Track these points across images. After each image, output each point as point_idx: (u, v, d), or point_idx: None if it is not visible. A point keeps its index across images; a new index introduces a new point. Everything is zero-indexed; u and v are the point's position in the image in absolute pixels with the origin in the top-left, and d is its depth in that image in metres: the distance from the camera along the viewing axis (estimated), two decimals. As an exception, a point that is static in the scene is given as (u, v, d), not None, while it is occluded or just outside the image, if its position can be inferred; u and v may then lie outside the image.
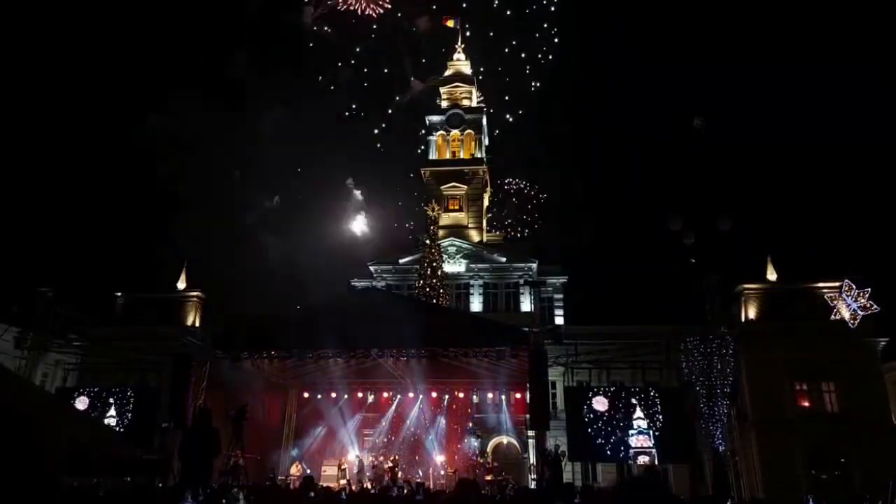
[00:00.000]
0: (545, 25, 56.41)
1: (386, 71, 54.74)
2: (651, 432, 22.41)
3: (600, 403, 23.20)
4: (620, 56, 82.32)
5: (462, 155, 48.73)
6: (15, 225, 56.30)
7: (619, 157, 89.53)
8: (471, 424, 30.48)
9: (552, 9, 56.37)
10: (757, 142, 74.21)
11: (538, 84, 56.45)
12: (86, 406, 25.39)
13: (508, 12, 56.16)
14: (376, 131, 54.81)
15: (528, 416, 23.26)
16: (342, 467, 26.24)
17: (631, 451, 22.45)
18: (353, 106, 55.23)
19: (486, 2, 55.61)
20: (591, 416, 23.05)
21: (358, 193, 49.72)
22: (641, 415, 22.61)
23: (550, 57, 56.63)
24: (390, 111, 54.56)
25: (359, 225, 48.17)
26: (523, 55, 56.27)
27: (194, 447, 12.77)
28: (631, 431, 22.51)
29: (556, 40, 56.60)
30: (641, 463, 23.08)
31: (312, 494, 16.05)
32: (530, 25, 56.44)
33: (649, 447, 22.26)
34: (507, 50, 56.54)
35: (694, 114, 42.60)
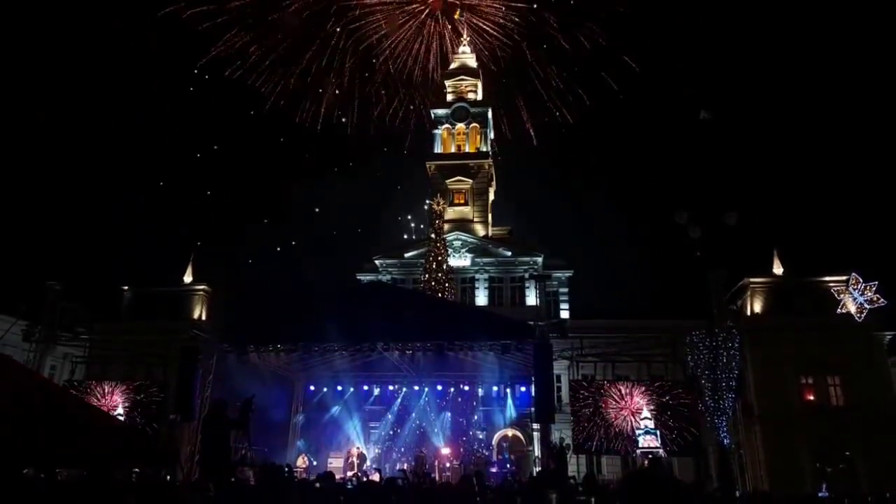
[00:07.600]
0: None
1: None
2: (658, 431, 22.28)
3: (605, 397, 23.13)
4: (626, 44, 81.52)
5: (467, 149, 48.66)
6: (23, 220, 56.71)
7: (624, 150, 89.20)
8: (476, 417, 30.58)
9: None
10: (763, 132, 73.73)
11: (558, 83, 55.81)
12: (94, 399, 25.57)
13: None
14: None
15: (533, 409, 23.31)
16: (350, 459, 26.46)
17: (638, 451, 22.40)
18: None
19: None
20: (596, 409, 23.01)
21: None
22: (648, 415, 22.41)
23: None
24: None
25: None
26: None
27: (213, 438, 12.89)
28: (638, 431, 22.36)
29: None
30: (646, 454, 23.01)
31: (318, 485, 16.09)
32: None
33: (656, 447, 22.09)
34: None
35: (701, 105, 42.38)
